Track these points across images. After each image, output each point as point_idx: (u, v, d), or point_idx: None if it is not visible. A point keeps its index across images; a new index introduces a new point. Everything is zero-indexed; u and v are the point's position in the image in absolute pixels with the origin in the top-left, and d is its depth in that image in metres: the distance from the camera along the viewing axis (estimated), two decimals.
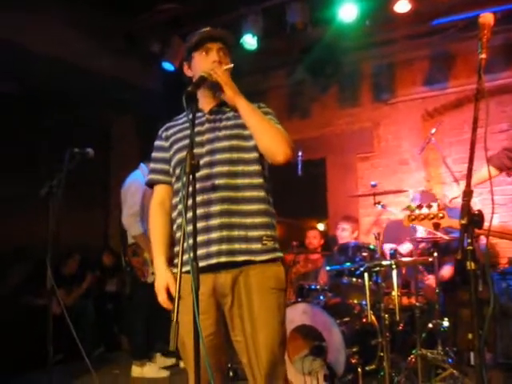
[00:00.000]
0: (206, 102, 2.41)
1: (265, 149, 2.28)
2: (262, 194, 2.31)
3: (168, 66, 6.07)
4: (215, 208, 2.23)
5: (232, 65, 2.35)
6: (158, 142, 2.51)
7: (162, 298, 2.24)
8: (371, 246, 4.51)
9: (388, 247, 4.55)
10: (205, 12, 5.47)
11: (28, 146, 6.26)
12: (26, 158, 6.28)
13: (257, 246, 2.24)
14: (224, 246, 2.21)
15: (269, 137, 2.27)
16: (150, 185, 2.53)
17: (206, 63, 2.32)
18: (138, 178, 4.95)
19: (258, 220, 2.27)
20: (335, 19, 5.40)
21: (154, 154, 2.51)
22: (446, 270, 4.78)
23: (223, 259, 2.20)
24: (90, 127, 6.38)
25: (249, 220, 2.25)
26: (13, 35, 5.12)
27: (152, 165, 2.51)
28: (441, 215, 2.50)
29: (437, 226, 2.53)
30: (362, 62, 6.70)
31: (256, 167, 2.32)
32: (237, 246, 2.22)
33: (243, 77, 2.34)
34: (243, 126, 2.33)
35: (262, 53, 5.81)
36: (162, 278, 2.27)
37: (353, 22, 5.35)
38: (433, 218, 2.51)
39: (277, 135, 2.28)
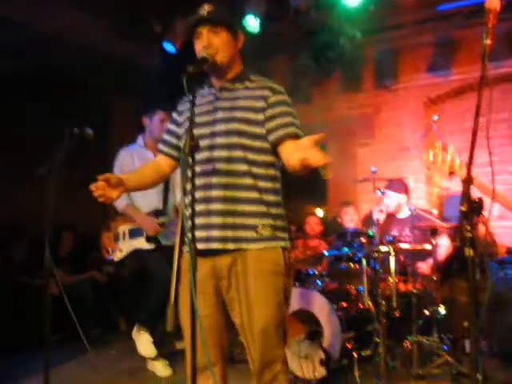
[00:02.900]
0: (216, 78, 2.35)
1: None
2: (261, 183, 2.26)
3: (169, 46, 5.99)
4: (216, 193, 2.22)
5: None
6: (173, 115, 2.52)
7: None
8: (370, 232, 4.51)
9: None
10: None
11: (28, 125, 6.23)
12: (26, 136, 6.26)
13: (252, 234, 2.22)
14: (224, 233, 2.20)
15: None
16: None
17: (199, 48, 2.25)
18: (127, 149, 4.65)
19: (253, 208, 2.23)
20: (339, 3, 5.35)
21: (167, 125, 2.55)
22: (441, 253, 4.75)
23: (221, 245, 2.21)
24: (90, 107, 6.34)
25: (246, 208, 2.23)
26: (17, 13, 5.13)
27: (163, 135, 2.55)
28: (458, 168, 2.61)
29: (451, 174, 2.65)
30: (365, 47, 6.64)
31: (260, 157, 2.27)
32: (235, 233, 2.21)
33: (245, 59, 2.30)
34: (254, 109, 2.26)
35: (265, 36, 5.76)
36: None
37: (357, 6, 5.30)
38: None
39: None
